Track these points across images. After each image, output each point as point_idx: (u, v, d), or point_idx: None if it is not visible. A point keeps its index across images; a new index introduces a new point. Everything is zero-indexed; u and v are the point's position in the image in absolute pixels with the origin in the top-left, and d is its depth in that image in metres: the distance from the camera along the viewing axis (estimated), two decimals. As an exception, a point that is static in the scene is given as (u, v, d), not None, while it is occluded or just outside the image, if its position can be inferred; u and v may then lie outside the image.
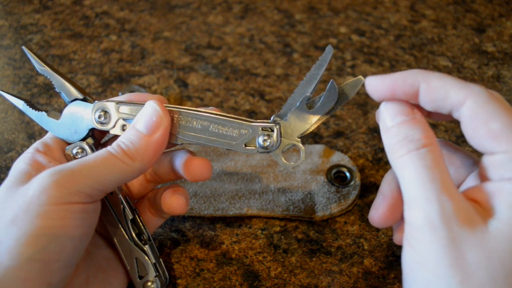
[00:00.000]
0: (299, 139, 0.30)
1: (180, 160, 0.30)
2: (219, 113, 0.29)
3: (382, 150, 0.43)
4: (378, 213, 0.27)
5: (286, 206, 0.37)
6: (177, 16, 0.62)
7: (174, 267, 0.34)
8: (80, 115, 0.30)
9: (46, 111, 0.30)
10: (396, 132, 0.24)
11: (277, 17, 0.62)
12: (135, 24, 0.60)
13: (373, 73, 0.52)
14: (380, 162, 0.42)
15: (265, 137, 0.29)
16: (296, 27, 0.60)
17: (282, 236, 0.36)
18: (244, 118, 0.29)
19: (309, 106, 0.29)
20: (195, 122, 0.29)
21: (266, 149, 0.29)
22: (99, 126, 0.30)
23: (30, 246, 0.23)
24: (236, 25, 0.60)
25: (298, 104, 0.29)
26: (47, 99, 0.49)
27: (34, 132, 0.45)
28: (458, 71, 0.53)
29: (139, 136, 0.27)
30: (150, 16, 0.62)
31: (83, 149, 0.30)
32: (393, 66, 0.54)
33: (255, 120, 0.29)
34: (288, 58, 0.55)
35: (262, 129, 0.29)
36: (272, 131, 0.29)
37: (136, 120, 0.28)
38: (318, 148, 0.42)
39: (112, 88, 0.50)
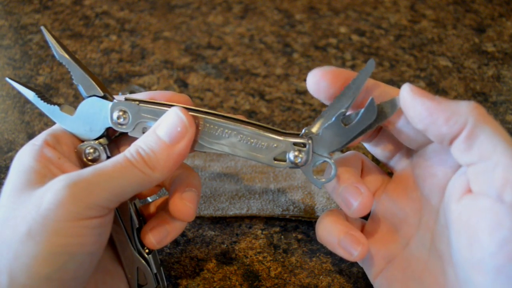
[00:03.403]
0: (331, 156, 0.28)
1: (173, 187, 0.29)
2: (247, 120, 0.28)
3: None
4: (364, 201, 0.27)
5: (286, 206, 0.37)
6: (177, 16, 0.62)
7: (174, 267, 0.34)
8: (96, 113, 0.28)
9: (59, 105, 0.28)
10: (466, 101, 0.25)
11: (277, 17, 0.62)
12: (135, 24, 0.60)
13: (373, 73, 0.52)
14: (379, 162, 0.42)
15: (297, 153, 0.27)
16: (296, 27, 0.60)
17: (282, 236, 0.36)
18: (274, 128, 0.28)
19: (344, 122, 0.27)
20: (221, 131, 0.27)
21: (296, 165, 0.28)
22: (117, 127, 0.28)
23: (47, 265, 0.23)
24: (236, 25, 0.60)
25: (333, 119, 0.27)
26: (47, 99, 0.49)
27: (34, 132, 0.45)
28: (458, 71, 0.53)
29: (160, 145, 0.25)
30: (150, 16, 0.62)
31: (95, 149, 0.28)
32: (393, 66, 0.54)
33: (285, 132, 0.28)
34: (288, 58, 0.55)
35: (294, 144, 0.27)
36: (305, 146, 0.27)
37: (158, 125, 0.26)
38: (318, 148, 0.42)
39: (112, 88, 0.50)
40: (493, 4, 0.65)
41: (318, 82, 0.27)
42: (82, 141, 0.28)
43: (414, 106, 0.25)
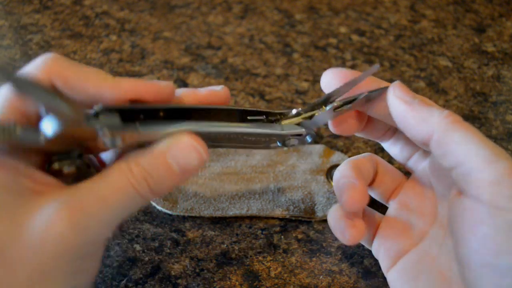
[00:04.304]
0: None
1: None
2: (240, 108, 0.28)
3: (382, 149, 0.43)
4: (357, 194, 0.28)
5: (286, 206, 0.37)
6: (177, 16, 0.62)
7: (174, 267, 0.34)
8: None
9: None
10: (429, 105, 0.26)
11: (277, 17, 0.62)
12: (135, 24, 0.60)
13: (373, 73, 0.52)
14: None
15: (292, 140, 0.30)
16: (296, 27, 0.60)
17: (282, 236, 0.36)
18: (267, 111, 0.29)
19: (335, 111, 0.29)
20: (223, 135, 0.27)
21: (287, 146, 0.30)
22: (108, 147, 0.23)
23: None
24: (236, 25, 0.60)
25: (327, 109, 0.29)
26: (47, 99, 0.49)
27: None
28: (458, 71, 0.53)
29: (171, 175, 0.23)
30: (150, 16, 0.62)
31: (78, 168, 0.24)
32: (393, 66, 0.54)
33: (277, 113, 0.29)
34: (288, 58, 0.55)
35: (291, 135, 0.29)
36: (301, 135, 0.30)
37: (170, 151, 0.23)
38: (318, 148, 0.42)
39: (112, 88, 0.50)
40: (493, 4, 0.65)
41: (330, 81, 0.29)
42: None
43: (394, 106, 0.27)
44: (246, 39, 0.58)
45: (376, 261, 0.34)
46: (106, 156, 0.28)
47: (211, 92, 0.28)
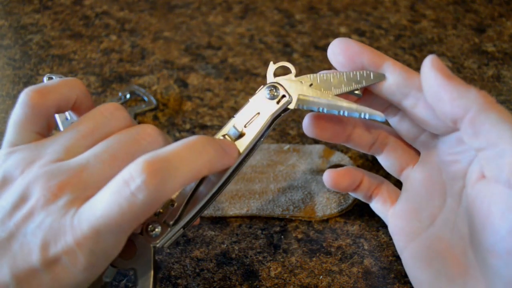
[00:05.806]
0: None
1: None
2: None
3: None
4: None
5: (286, 206, 0.37)
6: (177, 16, 0.62)
7: (174, 267, 0.34)
8: None
9: None
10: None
11: (277, 17, 0.62)
12: (135, 24, 0.60)
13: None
14: (380, 162, 0.42)
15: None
16: (296, 27, 0.60)
17: (282, 236, 0.36)
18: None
19: None
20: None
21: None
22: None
23: None
24: (236, 25, 0.60)
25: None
26: (47, 99, 0.48)
27: (34, 132, 0.45)
28: (458, 71, 0.53)
29: None
30: (150, 16, 0.62)
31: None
32: (393, 66, 0.54)
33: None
34: (288, 58, 0.55)
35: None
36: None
37: None
38: (318, 148, 0.42)
39: (112, 88, 0.50)
40: (493, 4, 0.65)
41: (337, 55, 0.31)
42: None
43: (429, 77, 0.25)
44: (246, 39, 0.58)
45: (376, 261, 0.34)
46: None
47: None
